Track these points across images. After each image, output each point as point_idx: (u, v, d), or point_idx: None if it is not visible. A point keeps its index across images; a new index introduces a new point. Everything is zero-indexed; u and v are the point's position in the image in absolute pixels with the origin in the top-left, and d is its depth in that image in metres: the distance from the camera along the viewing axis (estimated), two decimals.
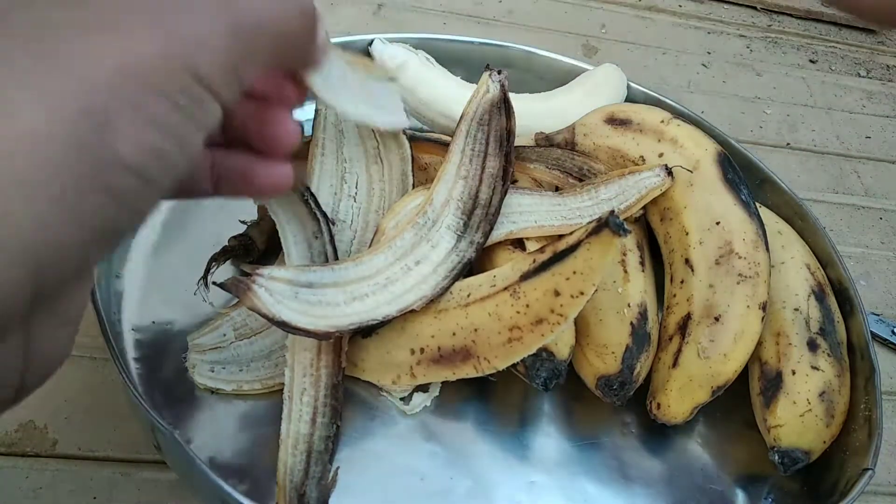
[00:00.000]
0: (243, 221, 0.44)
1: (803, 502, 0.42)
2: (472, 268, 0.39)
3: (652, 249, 0.47)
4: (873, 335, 0.52)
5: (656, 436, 0.43)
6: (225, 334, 0.39)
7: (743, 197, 0.44)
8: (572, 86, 0.57)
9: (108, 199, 0.17)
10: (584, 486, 0.40)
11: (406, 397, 0.41)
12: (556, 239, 0.35)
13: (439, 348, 0.37)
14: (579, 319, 0.41)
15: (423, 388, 0.41)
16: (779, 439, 0.40)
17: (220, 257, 0.41)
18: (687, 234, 0.44)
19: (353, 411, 0.39)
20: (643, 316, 0.42)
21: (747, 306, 0.41)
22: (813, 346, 0.42)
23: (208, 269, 0.41)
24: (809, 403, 0.40)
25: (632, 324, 0.41)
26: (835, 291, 0.47)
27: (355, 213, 0.43)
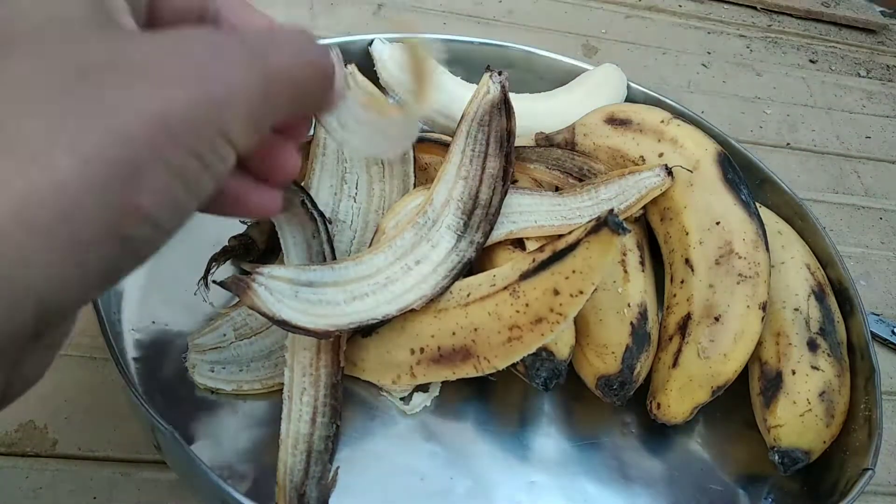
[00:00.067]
0: (243, 221, 0.44)
1: (803, 502, 0.42)
2: (471, 267, 0.39)
3: (652, 249, 0.47)
4: (873, 335, 0.52)
5: (656, 436, 0.43)
6: (225, 334, 0.39)
7: (743, 197, 0.44)
8: (572, 86, 0.57)
9: (120, 247, 0.17)
10: (584, 486, 0.40)
11: (406, 397, 0.41)
12: (555, 238, 0.35)
13: (439, 348, 0.37)
14: (579, 319, 0.41)
15: (423, 388, 0.41)
16: (779, 439, 0.40)
17: (220, 257, 0.41)
18: (687, 233, 0.44)
19: (353, 411, 0.39)
20: (643, 316, 0.42)
21: (747, 306, 0.41)
22: (813, 346, 0.42)
23: (209, 269, 0.41)
24: (809, 403, 0.40)
25: (632, 324, 0.41)
26: (835, 291, 0.47)
27: (355, 212, 0.43)
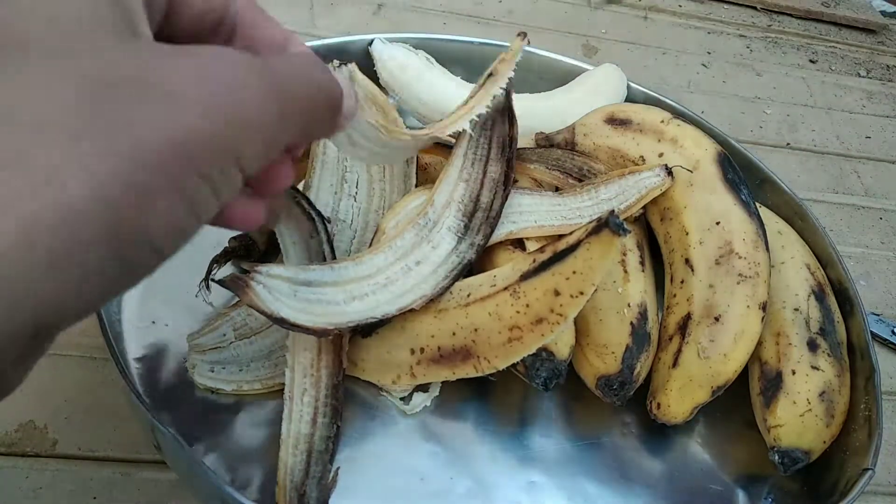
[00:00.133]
0: None
1: (803, 502, 0.42)
2: (472, 268, 0.39)
3: (652, 249, 0.47)
4: (873, 335, 0.52)
5: (656, 436, 0.43)
6: (225, 334, 0.39)
7: (743, 197, 0.44)
8: (572, 86, 0.57)
9: (121, 269, 0.17)
10: (584, 486, 0.40)
11: (406, 397, 0.41)
12: (555, 239, 0.35)
13: (439, 348, 0.37)
14: (579, 319, 0.41)
15: (423, 388, 0.41)
16: (779, 439, 0.40)
17: (220, 259, 0.41)
18: (687, 233, 0.44)
19: (353, 411, 0.39)
20: (643, 316, 0.42)
21: (747, 306, 0.41)
22: (813, 346, 0.42)
23: (210, 271, 0.41)
24: (809, 403, 0.40)
25: (632, 324, 0.41)
26: (835, 291, 0.47)
27: (356, 212, 0.43)
